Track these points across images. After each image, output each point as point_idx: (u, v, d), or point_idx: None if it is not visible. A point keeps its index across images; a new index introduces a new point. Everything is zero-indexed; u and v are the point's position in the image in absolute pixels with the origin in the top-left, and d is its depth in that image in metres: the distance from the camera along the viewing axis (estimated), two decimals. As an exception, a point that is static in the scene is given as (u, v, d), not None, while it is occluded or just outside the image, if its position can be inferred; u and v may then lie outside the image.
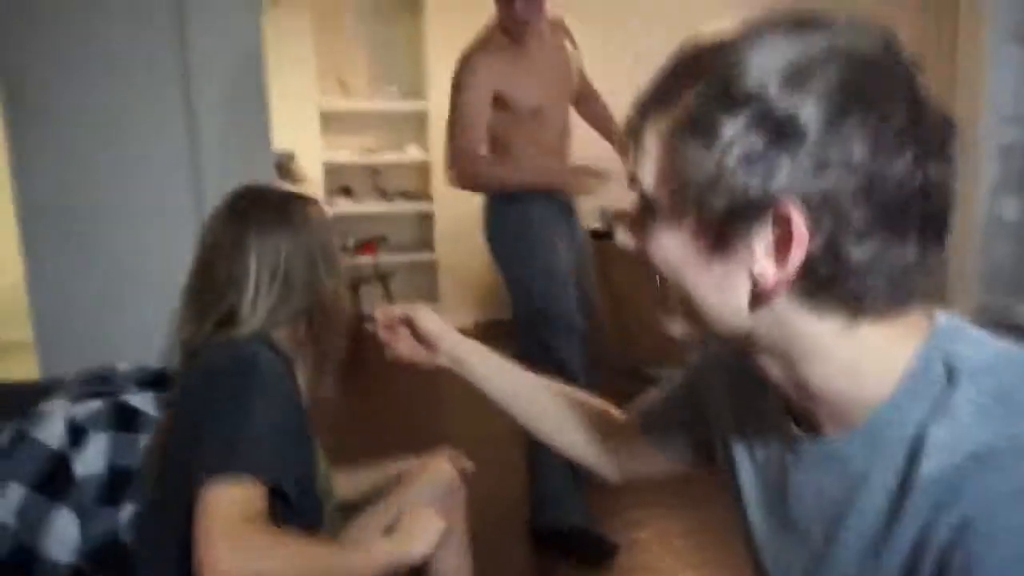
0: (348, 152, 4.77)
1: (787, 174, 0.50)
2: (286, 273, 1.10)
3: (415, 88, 4.86)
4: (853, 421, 0.57)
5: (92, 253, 1.93)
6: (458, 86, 2.13)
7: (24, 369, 2.40)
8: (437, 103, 4.64)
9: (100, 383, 1.23)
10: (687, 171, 0.54)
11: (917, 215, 0.51)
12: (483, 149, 2.17)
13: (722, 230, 0.54)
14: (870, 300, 0.54)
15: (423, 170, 4.92)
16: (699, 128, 0.53)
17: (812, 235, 0.51)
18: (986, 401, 0.52)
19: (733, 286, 0.56)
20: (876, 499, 0.56)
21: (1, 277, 3.24)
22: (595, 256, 2.58)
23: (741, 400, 0.72)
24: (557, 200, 2.21)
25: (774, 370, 0.61)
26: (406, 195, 4.93)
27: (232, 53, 1.99)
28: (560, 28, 2.30)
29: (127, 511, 1.13)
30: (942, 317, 0.58)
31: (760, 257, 0.54)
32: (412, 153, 4.87)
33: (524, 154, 2.19)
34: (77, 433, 1.15)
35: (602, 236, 3.49)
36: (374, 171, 4.90)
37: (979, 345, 0.56)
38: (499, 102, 2.14)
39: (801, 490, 0.63)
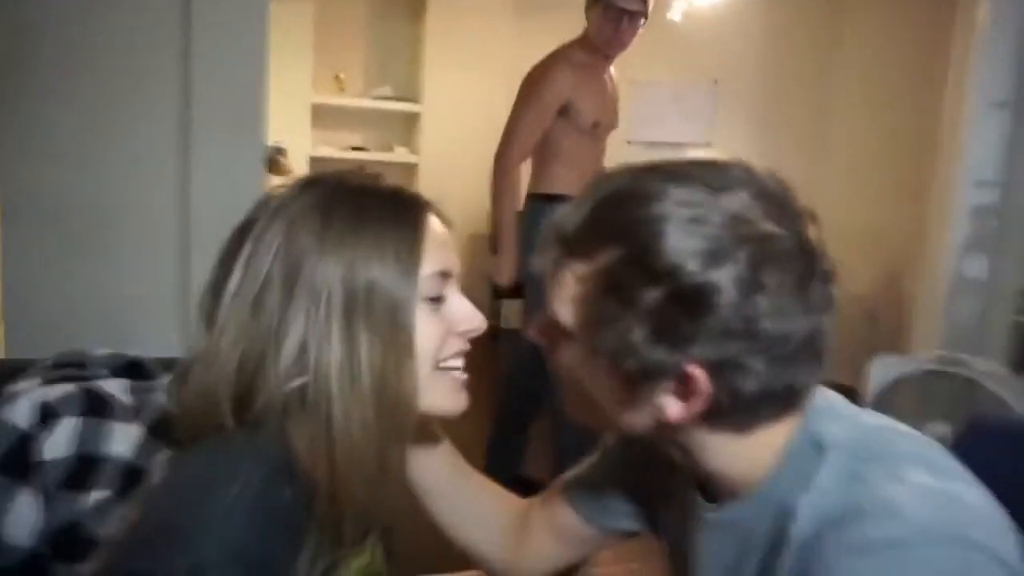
0: (336, 148, 4.76)
1: (696, 344, 0.56)
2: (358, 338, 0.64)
3: (410, 90, 4.87)
4: (744, 493, 0.65)
5: (70, 239, 1.90)
6: (531, 94, 2.32)
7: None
8: (429, 107, 4.66)
9: (73, 367, 1.22)
10: (601, 325, 0.59)
11: (807, 353, 0.58)
12: (519, 163, 2.36)
13: (630, 380, 0.60)
14: (762, 419, 0.61)
15: (410, 172, 4.93)
16: (617, 292, 0.58)
17: (713, 387, 0.57)
18: (841, 473, 0.59)
19: (637, 410, 0.63)
20: (756, 563, 0.64)
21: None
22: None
23: (657, 468, 0.79)
24: None
25: (675, 455, 0.68)
26: (390, 196, 4.91)
27: (235, 44, 1.98)
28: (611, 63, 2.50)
29: (92, 498, 1.12)
30: (818, 398, 0.65)
31: (663, 401, 0.60)
32: (400, 154, 4.87)
33: (569, 162, 2.36)
34: (47, 415, 1.14)
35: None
36: (361, 169, 4.89)
37: (843, 422, 0.64)
38: (564, 111, 2.32)
39: (703, 550, 0.71)
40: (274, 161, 4.05)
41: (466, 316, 0.73)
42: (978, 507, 0.56)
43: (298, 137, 4.55)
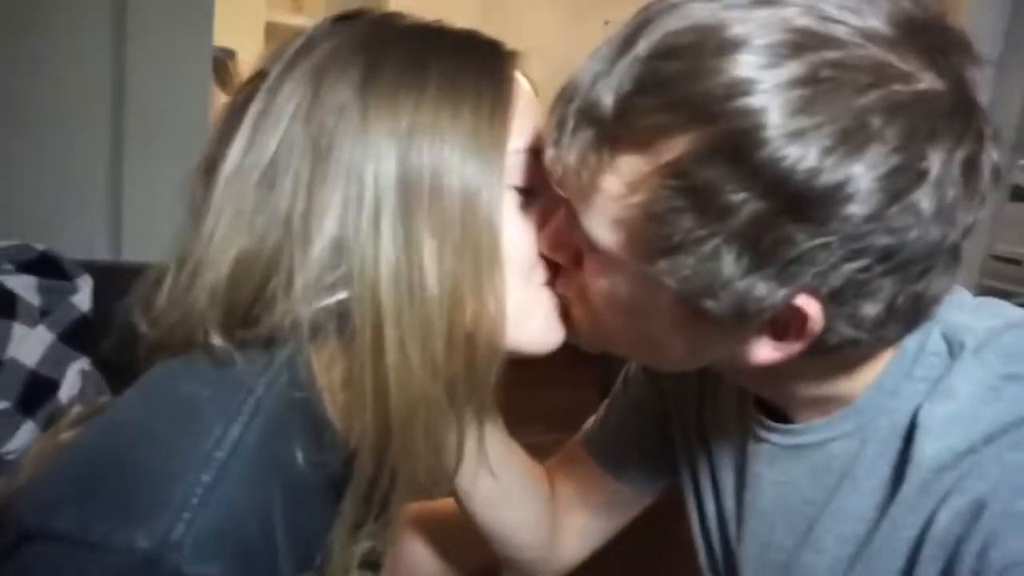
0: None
1: (813, 271, 0.39)
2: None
3: (371, 15, 4.64)
4: (832, 408, 0.51)
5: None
6: None
7: None
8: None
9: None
10: (671, 251, 0.40)
11: (950, 256, 0.42)
12: None
13: (710, 320, 0.42)
14: (878, 347, 0.46)
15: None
16: (697, 200, 0.39)
17: (826, 321, 0.41)
18: (988, 374, 0.46)
19: (702, 349, 0.47)
20: (861, 497, 0.49)
21: None
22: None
23: (705, 389, 0.64)
24: None
25: (727, 375, 0.54)
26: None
27: None
28: None
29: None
30: None
31: (753, 341, 0.44)
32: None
33: None
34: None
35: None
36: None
37: (983, 313, 0.49)
38: None
39: (763, 486, 0.56)
40: (222, 66, 3.75)
41: None
42: None
43: (249, 56, 4.28)
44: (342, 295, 0.44)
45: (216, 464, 0.39)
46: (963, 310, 0.49)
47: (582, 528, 0.73)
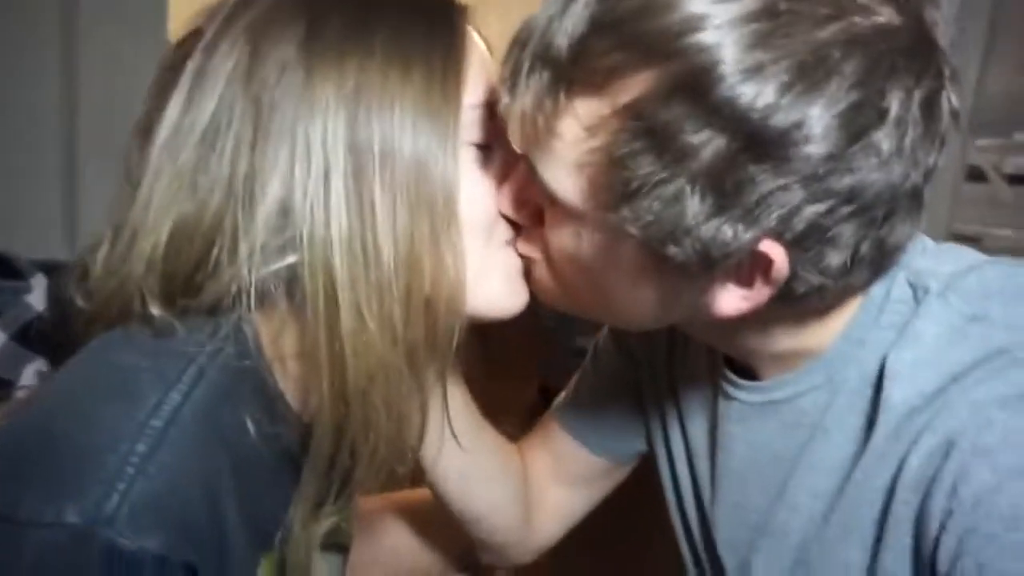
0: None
1: (777, 214, 0.38)
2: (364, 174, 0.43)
3: None
4: (800, 362, 0.50)
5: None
6: None
7: None
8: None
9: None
10: (632, 196, 0.39)
11: (913, 201, 0.42)
12: None
13: (674, 268, 0.41)
14: (845, 295, 0.46)
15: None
16: (657, 141, 0.38)
17: (791, 267, 0.40)
18: (953, 316, 0.45)
19: (668, 302, 0.46)
20: (833, 449, 0.49)
21: None
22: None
23: (675, 351, 0.63)
24: None
25: (694, 333, 0.53)
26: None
27: None
28: None
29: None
30: None
31: (717, 291, 0.43)
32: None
33: None
34: None
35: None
36: None
37: (946, 257, 0.49)
38: None
39: (734, 445, 0.56)
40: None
41: None
42: None
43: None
44: (291, 259, 0.42)
45: (152, 433, 0.37)
46: (926, 255, 0.49)
47: (558, 505, 0.72)
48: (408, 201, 0.43)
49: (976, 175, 2.25)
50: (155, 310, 0.43)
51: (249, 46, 0.43)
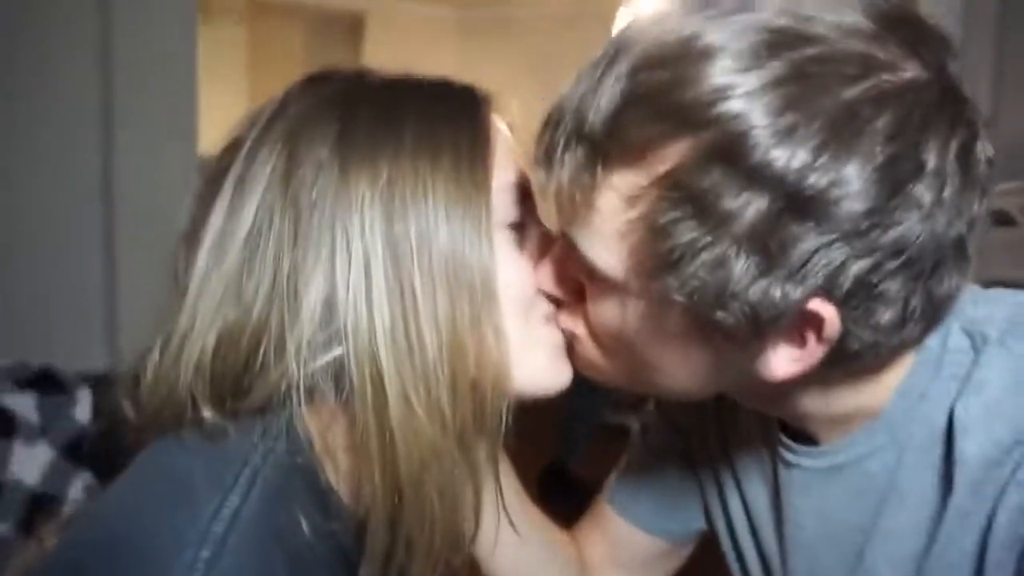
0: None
1: (823, 272, 0.38)
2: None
3: (350, 114, 4.78)
4: (859, 423, 0.48)
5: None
6: None
7: None
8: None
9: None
10: (675, 263, 0.39)
11: (959, 252, 0.42)
12: None
13: (723, 333, 0.41)
14: (898, 351, 0.44)
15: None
16: (698, 207, 0.38)
17: (842, 325, 0.40)
18: (1018, 359, 0.44)
19: (718, 369, 0.45)
20: (909, 512, 0.47)
21: None
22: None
23: (726, 420, 0.62)
24: None
25: (746, 401, 0.52)
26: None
27: (160, 59, 1.84)
28: None
29: (-14, 534, 0.93)
30: None
31: (771, 353, 0.42)
32: (343, 180, 4.76)
33: None
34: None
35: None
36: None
37: (999, 303, 0.48)
38: None
39: (802, 519, 0.53)
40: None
41: None
42: None
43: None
44: (337, 352, 0.42)
45: (214, 538, 0.37)
46: (977, 304, 0.48)
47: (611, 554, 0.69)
48: (447, 286, 0.44)
49: (1002, 219, 2.24)
50: (206, 414, 0.43)
51: (286, 149, 0.44)
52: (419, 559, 0.44)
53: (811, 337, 0.41)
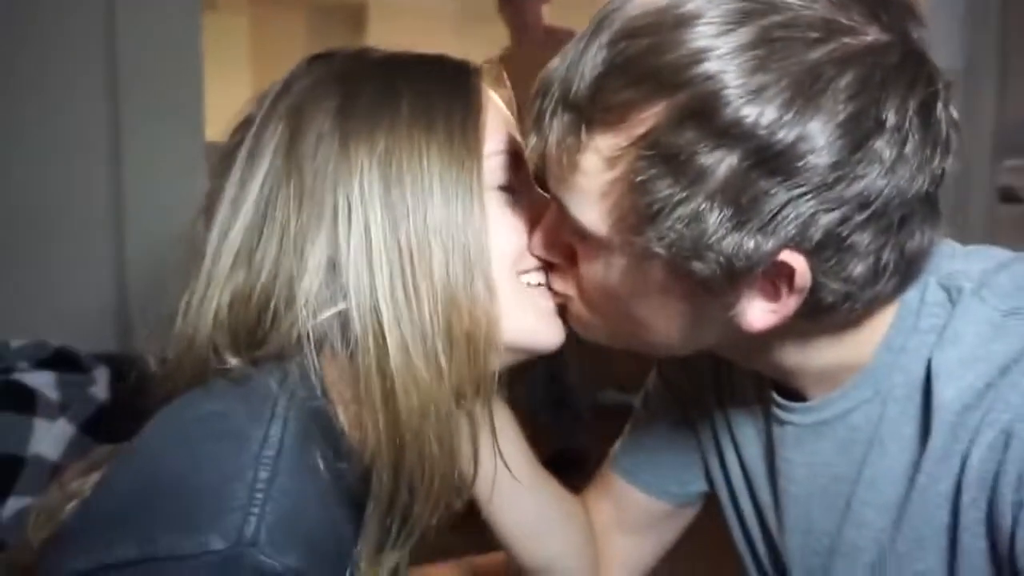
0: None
1: (793, 224, 0.40)
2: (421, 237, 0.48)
3: (353, 102, 4.78)
4: (844, 377, 0.51)
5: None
6: None
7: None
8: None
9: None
10: (655, 217, 0.42)
11: (927, 207, 0.44)
12: None
13: (700, 284, 0.44)
14: (874, 306, 0.46)
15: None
16: (673, 164, 0.41)
17: (814, 276, 0.42)
18: (990, 312, 0.46)
19: (699, 321, 0.48)
20: (891, 460, 0.50)
21: None
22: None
23: (723, 383, 0.64)
24: None
25: (736, 357, 0.54)
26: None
27: (165, 47, 1.86)
28: None
29: (11, 506, 0.96)
30: None
31: (745, 305, 0.45)
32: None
33: None
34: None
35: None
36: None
37: (974, 257, 0.51)
38: None
39: (793, 471, 0.56)
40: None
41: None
42: None
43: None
44: (341, 306, 0.46)
45: (268, 462, 0.41)
46: (954, 258, 0.50)
47: (626, 555, 0.71)
48: (442, 244, 0.47)
49: (1009, 196, 2.25)
50: (231, 361, 0.47)
51: (291, 123, 0.48)
52: (421, 502, 0.48)
53: (783, 288, 0.43)
